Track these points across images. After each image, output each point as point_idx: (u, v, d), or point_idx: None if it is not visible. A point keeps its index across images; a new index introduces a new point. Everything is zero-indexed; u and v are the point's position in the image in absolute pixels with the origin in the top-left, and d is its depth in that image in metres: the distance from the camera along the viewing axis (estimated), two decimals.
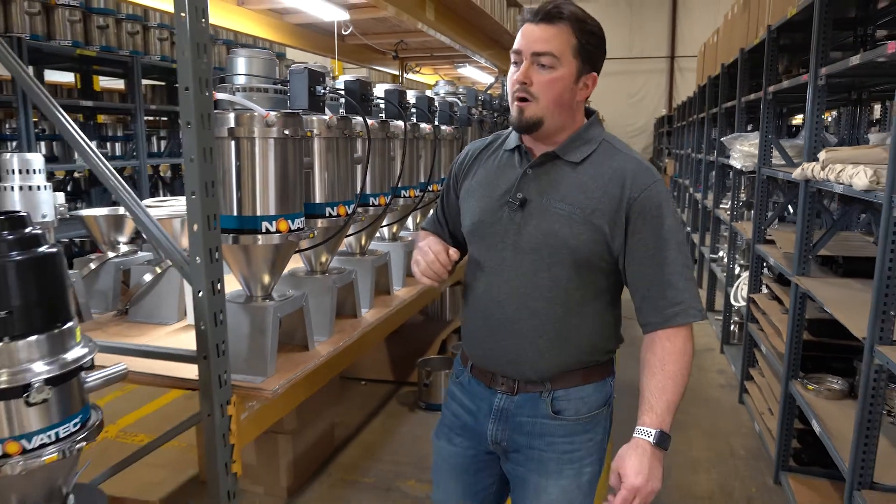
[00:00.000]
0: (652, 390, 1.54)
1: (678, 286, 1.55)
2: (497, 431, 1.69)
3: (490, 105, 4.94)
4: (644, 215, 1.53)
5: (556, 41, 1.49)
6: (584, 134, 1.61)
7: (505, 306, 1.62)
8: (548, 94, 1.51)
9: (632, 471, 1.49)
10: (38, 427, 1.40)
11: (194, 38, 1.70)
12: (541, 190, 1.58)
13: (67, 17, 5.49)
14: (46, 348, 1.42)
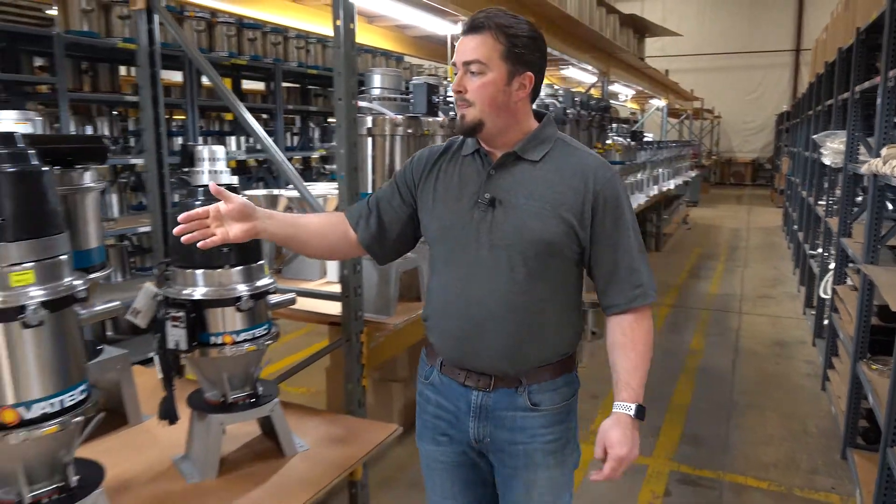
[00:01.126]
0: (627, 369, 1.64)
1: (639, 270, 1.66)
2: (479, 429, 1.73)
3: (587, 105, 5.40)
4: (606, 206, 1.63)
5: (481, 49, 1.57)
6: (539, 134, 1.68)
7: (484, 304, 1.66)
8: (481, 97, 1.59)
9: (616, 442, 1.58)
10: (242, 327, 2.10)
11: (347, 63, 2.36)
12: (507, 188, 1.65)
13: (225, 32, 6.47)
14: (248, 275, 2.12)
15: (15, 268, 1.45)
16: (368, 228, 1.82)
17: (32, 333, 1.47)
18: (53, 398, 1.51)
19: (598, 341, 5.82)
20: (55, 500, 1.58)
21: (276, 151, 2.67)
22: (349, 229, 1.85)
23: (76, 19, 5.15)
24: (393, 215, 1.82)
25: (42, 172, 1.54)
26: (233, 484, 2.08)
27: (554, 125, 1.74)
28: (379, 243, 1.84)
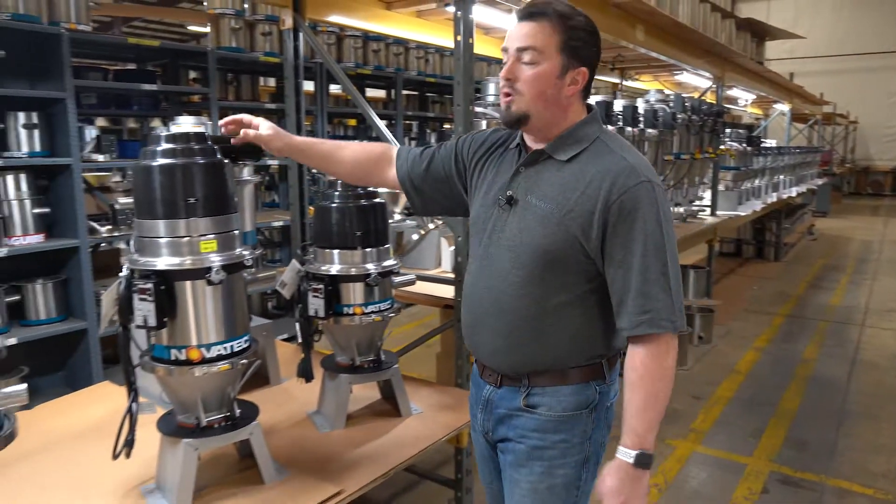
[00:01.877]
0: (633, 411, 1.50)
1: (651, 294, 1.48)
2: (484, 420, 1.75)
3: (698, 110, 5.43)
4: (622, 218, 1.48)
5: (538, 37, 1.49)
6: (575, 132, 1.58)
7: (484, 301, 1.65)
8: (531, 88, 1.51)
9: (610, 492, 1.50)
10: (370, 300, 2.44)
11: (466, 74, 2.66)
12: (527, 188, 1.59)
13: (352, 45, 7.00)
14: (376, 256, 2.46)
15: (203, 238, 1.84)
16: (409, 174, 1.86)
17: (213, 290, 1.86)
18: (226, 343, 1.90)
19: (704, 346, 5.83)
20: (223, 426, 1.97)
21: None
22: (388, 162, 1.89)
23: (226, 36, 5.81)
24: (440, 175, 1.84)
25: (223, 164, 1.94)
26: (357, 434, 2.42)
27: (597, 124, 1.62)
28: (417, 191, 1.86)
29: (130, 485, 2.03)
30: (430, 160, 1.86)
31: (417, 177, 1.87)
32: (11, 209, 4.10)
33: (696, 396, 4.76)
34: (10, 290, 4.14)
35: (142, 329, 1.82)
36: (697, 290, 6.54)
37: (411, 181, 1.87)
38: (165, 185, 1.82)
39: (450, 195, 1.87)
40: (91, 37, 4.69)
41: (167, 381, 1.90)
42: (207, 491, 1.99)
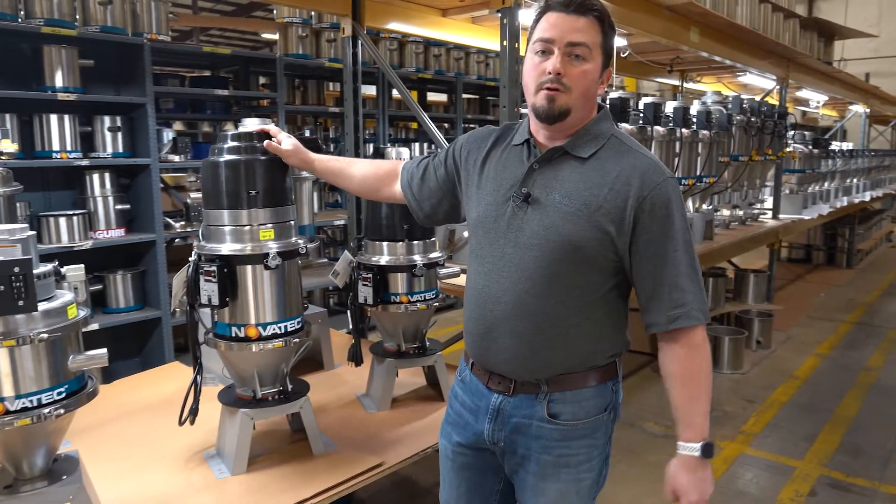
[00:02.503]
0: (685, 403, 1.53)
1: (683, 287, 1.50)
2: (494, 431, 1.65)
3: (758, 111, 5.36)
4: (653, 214, 1.49)
5: (589, 33, 1.47)
6: (592, 128, 1.56)
7: (503, 303, 1.57)
8: (580, 85, 1.48)
9: (687, 489, 1.52)
10: (415, 289, 2.59)
11: (511, 77, 2.79)
12: (546, 185, 1.55)
13: (413, 50, 7.21)
14: (422, 249, 2.61)
15: (262, 226, 2.04)
16: (410, 184, 1.87)
17: (270, 274, 2.05)
18: (280, 323, 2.08)
19: (762, 351, 5.73)
20: (276, 399, 2.15)
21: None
22: (395, 178, 1.91)
23: (293, 44, 6.11)
24: (434, 183, 1.83)
25: (282, 161, 2.12)
26: (401, 415, 2.58)
27: (610, 120, 1.61)
28: (417, 201, 1.87)
29: (194, 450, 2.24)
30: (425, 168, 1.86)
31: (416, 185, 1.87)
32: (97, 205, 4.47)
33: (749, 400, 4.71)
34: (93, 280, 4.51)
35: (206, 308, 2.02)
36: (757, 295, 6.42)
37: (411, 191, 1.88)
38: (230, 178, 2.02)
39: (445, 201, 1.84)
40: (170, 46, 5.05)
41: (228, 356, 2.10)
42: (261, 458, 2.18)
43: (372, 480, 2.13)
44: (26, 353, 1.52)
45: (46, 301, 1.58)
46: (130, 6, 4.76)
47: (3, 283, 1.44)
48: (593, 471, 1.65)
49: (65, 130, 4.27)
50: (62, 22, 4.25)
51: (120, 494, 1.95)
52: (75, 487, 1.64)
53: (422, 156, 1.95)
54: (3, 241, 1.52)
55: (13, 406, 1.51)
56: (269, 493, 1.97)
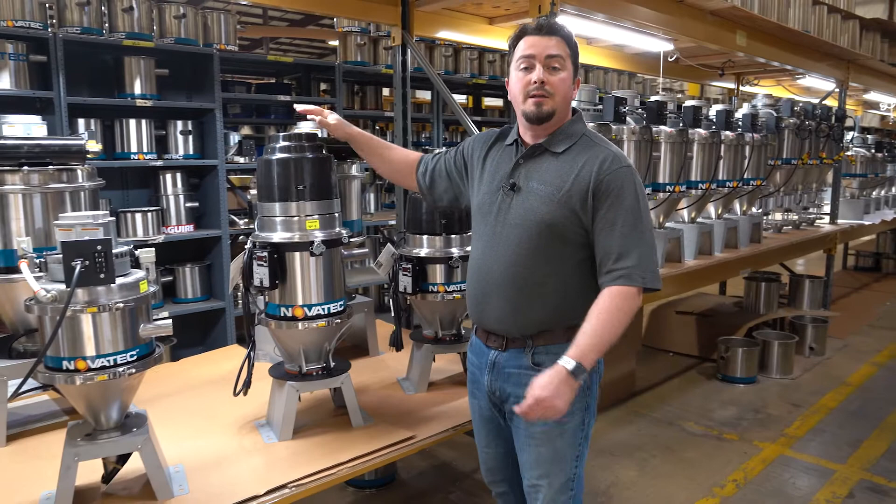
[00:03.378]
0: (585, 331, 1.75)
1: (629, 254, 1.78)
2: (492, 381, 1.99)
3: (812, 114, 5.31)
4: (607, 194, 1.79)
5: (560, 47, 1.83)
6: (567, 129, 1.90)
7: (494, 272, 1.91)
8: (560, 90, 1.84)
9: (539, 385, 1.73)
10: (452, 280, 2.76)
11: None
12: (528, 176, 1.89)
13: (468, 56, 7.40)
14: (459, 242, 2.78)
15: (309, 217, 2.26)
16: (424, 173, 2.23)
17: (316, 260, 2.27)
18: (324, 304, 2.30)
19: (815, 358, 5.66)
20: (320, 374, 2.37)
21: None
22: (413, 168, 2.26)
23: (352, 51, 6.40)
24: (443, 174, 2.18)
25: (328, 159, 2.35)
26: (436, 397, 2.76)
27: (582, 122, 1.95)
28: (428, 187, 2.23)
29: (246, 420, 2.48)
30: (437, 161, 2.22)
31: (428, 174, 2.23)
32: (169, 203, 4.84)
33: (795, 404, 4.69)
34: (164, 272, 4.88)
35: (259, 289, 2.26)
36: (813, 301, 6.31)
37: (424, 178, 2.24)
38: (281, 174, 2.25)
39: (452, 188, 2.20)
40: (237, 55, 5.40)
41: (277, 334, 2.33)
42: (305, 429, 2.40)
43: (403, 452, 2.31)
44: (105, 320, 1.78)
45: (123, 277, 1.83)
46: (202, 19, 5.13)
47: (88, 259, 1.69)
48: (574, 416, 1.91)
49: (142, 134, 4.65)
50: (141, 35, 4.64)
51: (180, 452, 2.19)
52: (143, 438, 1.88)
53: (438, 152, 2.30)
54: (88, 224, 1.78)
55: (94, 364, 1.77)
56: (311, 456, 2.18)
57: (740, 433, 4.18)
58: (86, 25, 4.42)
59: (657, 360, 5.70)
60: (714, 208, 4.56)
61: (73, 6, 4.36)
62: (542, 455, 1.95)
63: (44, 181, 2.26)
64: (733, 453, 3.91)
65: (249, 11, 13.34)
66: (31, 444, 2.31)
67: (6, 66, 4.05)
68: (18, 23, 4.15)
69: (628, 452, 3.91)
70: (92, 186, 2.41)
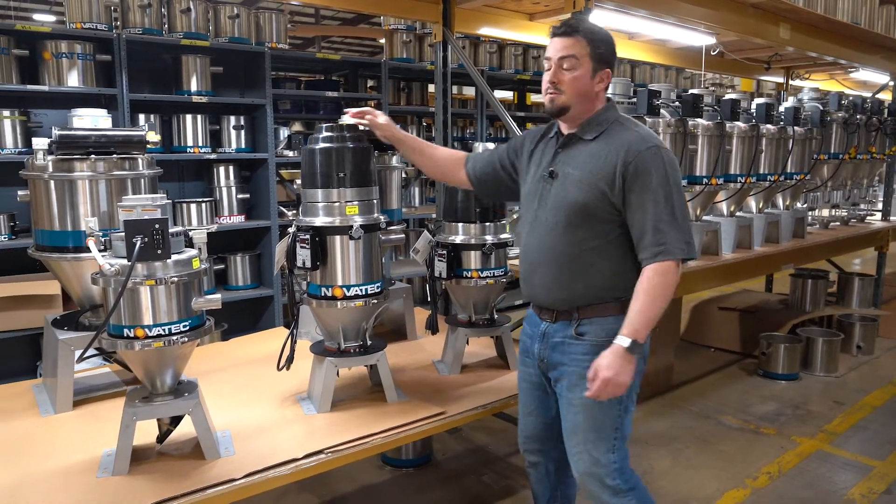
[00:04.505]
0: (635, 310, 1.92)
1: (663, 230, 1.91)
2: (540, 349, 2.17)
3: (861, 108, 5.21)
4: (636, 174, 1.94)
5: (575, 48, 1.97)
6: (597, 117, 2.06)
7: (538, 251, 2.11)
8: (571, 87, 2.00)
9: (604, 366, 1.91)
10: (485, 266, 2.87)
11: None
12: (564, 163, 2.07)
13: (512, 52, 7.48)
14: (493, 230, 2.89)
15: (349, 203, 2.40)
16: (474, 168, 2.39)
17: (354, 244, 2.41)
18: (362, 286, 2.44)
19: (863, 357, 5.55)
20: (357, 351, 2.51)
21: None
22: (461, 166, 2.40)
23: (398, 48, 6.56)
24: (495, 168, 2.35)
25: (367, 148, 2.48)
26: (469, 378, 2.88)
27: (614, 111, 2.09)
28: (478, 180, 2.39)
29: (289, 394, 2.64)
30: (488, 158, 2.39)
31: (480, 170, 2.40)
32: (222, 194, 5.08)
33: (838, 402, 4.63)
34: (217, 261, 5.13)
35: (301, 270, 2.41)
36: (862, 300, 6.18)
37: (475, 174, 2.41)
38: (323, 162, 2.41)
39: (503, 181, 2.36)
40: (287, 53, 5.62)
41: (318, 313, 2.48)
42: (343, 403, 2.55)
43: (434, 427, 2.44)
44: (161, 292, 1.95)
45: (177, 254, 2.01)
46: (255, 19, 5.36)
47: (147, 236, 1.87)
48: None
49: (197, 128, 4.90)
50: (198, 34, 4.89)
51: (227, 420, 2.37)
52: (194, 402, 2.06)
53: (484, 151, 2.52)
54: (148, 205, 1.96)
55: (151, 333, 1.95)
56: (347, 427, 2.33)
57: (778, 428, 4.17)
58: (147, 26, 4.68)
59: (697, 355, 5.67)
60: (755, 202, 4.54)
61: (136, 8, 4.63)
62: (580, 423, 2.09)
63: (108, 168, 2.47)
64: (769, 447, 3.90)
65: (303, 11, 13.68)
66: (94, 409, 2.52)
67: (75, 65, 4.34)
68: (86, 25, 4.44)
69: (663, 443, 3.94)
70: (151, 174, 2.61)
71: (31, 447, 2.21)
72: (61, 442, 2.25)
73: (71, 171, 2.44)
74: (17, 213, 4.24)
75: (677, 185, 1.98)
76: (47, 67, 4.34)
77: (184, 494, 1.90)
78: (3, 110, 4.25)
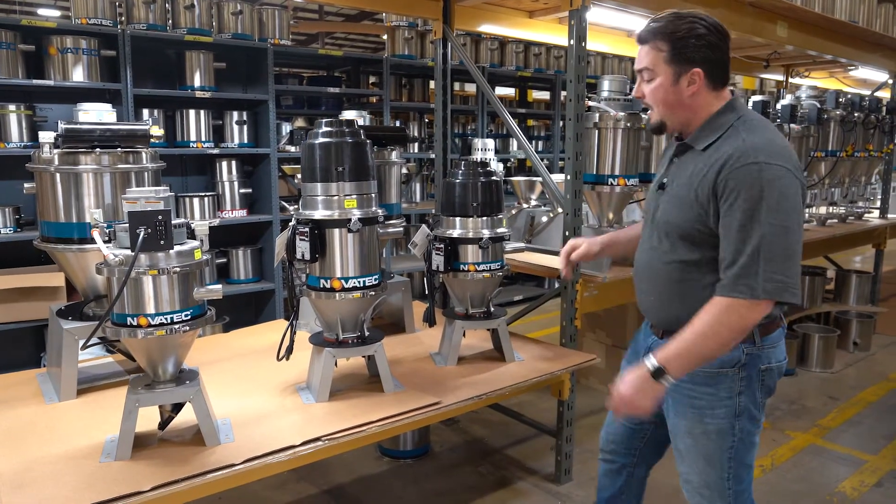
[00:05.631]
0: (677, 337, 1.75)
1: (735, 261, 1.68)
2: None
3: (859, 106, 5.24)
4: (727, 193, 1.70)
5: (648, 57, 1.81)
6: (711, 122, 1.81)
7: (641, 269, 2.04)
8: (655, 100, 1.84)
9: (623, 382, 1.79)
10: (482, 260, 2.92)
11: (577, 73, 3.07)
12: (675, 174, 1.91)
13: (514, 49, 7.51)
14: (490, 224, 2.93)
15: (347, 196, 2.45)
16: None
17: (353, 236, 2.46)
18: (360, 278, 2.49)
19: (859, 353, 5.59)
20: (355, 342, 2.57)
21: (527, 146, 3.52)
22: None
23: (400, 45, 6.60)
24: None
25: (365, 143, 2.53)
26: (465, 370, 2.92)
27: (733, 112, 1.79)
28: None
29: (289, 384, 2.70)
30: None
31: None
32: (224, 189, 5.14)
33: (832, 397, 4.67)
34: (219, 255, 5.18)
35: (301, 262, 2.47)
36: (860, 297, 6.21)
37: None
38: (322, 156, 2.45)
39: None
40: (290, 49, 5.66)
41: (316, 304, 2.54)
42: (341, 393, 2.60)
43: (430, 416, 2.49)
44: (164, 282, 2.00)
45: (180, 245, 2.06)
46: (258, 15, 5.40)
47: (150, 227, 1.92)
48: (717, 418, 1.88)
49: (200, 123, 4.96)
50: (201, 30, 4.94)
51: (227, 409, 2.42)
52: (195, 390, 2.11)
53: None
54: (151, 198, 2.01)
55: (154, 321, 2.00)
56: (344, 416, 2.38)
57: (772, 422, 4.21)
58: (151, 22, 4.74)
59: None
60: None
61: (140, 4, 4.68)
62: (687, 449, 1.98)
63: (113, 162, 2.52)
64: (762, 440, 3.90)
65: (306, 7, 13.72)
66: (97, 398, 2.58)
67: (80, 60, 4.40)
68: (91, 20, 4.50)
69: None
70: (154, 167, 2.66)
71: (36, 434, 2.27)
72: (65, 429, 2.30)
73: (76, 164, 2.49)
74: (23, 205, 4.30)
75: (776, 211, 1.65)
76: (53, 62, 4.40)
77: (184, 479, 1.95)
78: (9, 104, 4.31)
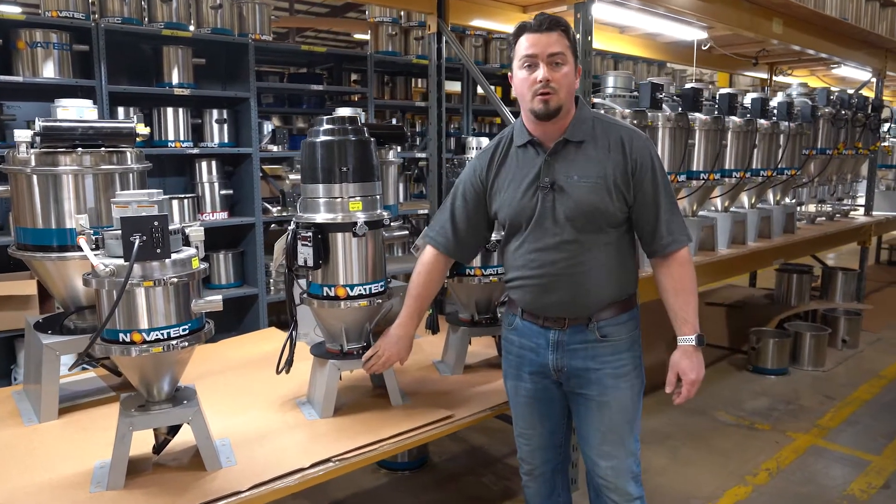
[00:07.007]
0: (681, 307, 1.99)
1: (671, 221, 1.98)
2: (556, 359, 2.06)
3: (847, 104, 5.24)
4: (643, 169, 1.94)
5: (561, 43, 1.88)
6: (580, 116, 1.98)
7: (556, 264, 1.98)
8: (564, 85, 1.89)
9: (688, 369, 1.98)
10: (489, 264, 2.79)
11: (584, 68, 2.95)
12: (565, 171, 1.96)
13: (498, 46, 7.40)
14: (496, 227, 2.81)
15: (352, 199, 2.30)
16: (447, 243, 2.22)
17: (358, 241, 2.31)
18: (366, 285, 2.35)
19: (848, 351, 5.59)
20: (360, 353, 2.41)
21: None
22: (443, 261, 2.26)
23: (383, 42, 6.44)
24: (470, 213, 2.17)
25: (370, 141, 2.38)
26: (472, 379, 2.79)
27: (587, 106, 2.04)
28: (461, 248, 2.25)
29: (287, 398, 2.54)
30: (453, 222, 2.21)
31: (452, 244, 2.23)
32: (204, 190, 4.93)
33: (828, 396, 4.65)
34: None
35: (303, 269, 2.31)
36: (846, 294, 6.23)
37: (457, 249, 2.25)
38: (325, 156, 2.30)
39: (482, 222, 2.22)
40: (271, 45, 5.47)
41: (319, 313, 2.38)
42: (345, 407, 2.45)
43: (442, 430, 2.35)
44: (159, 294, 1.83)
45: (176, 253, 1.89)
46: (237, 9, 5.20)
47: (146, 234, 1.75)
48: (639, 377, 2.11)
49: (179, 122, 4.74)
50: (179, 25, 4.72)
51: (226, 427, 2.26)
52: (194, 410, 1.94)
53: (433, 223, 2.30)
54: (144, 201, 1.84)
55: (149, 337, 1.83)
56: (351, 433, 2.23)
57: (772, 423, 4.16)
58: (126, 16, 4.52)
59: None
60: (747, 197, 4.52)
61: None
62: (617, 421, 2.07)
63: (96, 162, 2.33)
64: (765, 443, 3.89)
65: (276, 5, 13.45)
66: (81, 418, 2.39)
67: (51, 55, 4.16)
68: (62, 13, 4.26)
69: (659, 440, 3.91)
70: (140, 168, 2.48)
71: (17, 459, 2.08)
72: (49, 453, 2.12)
73: (56, 164, 2.30)
74: None
75: (664, 173, 2.03)
76: (21, 57, 4.15)
77: None
78: None
